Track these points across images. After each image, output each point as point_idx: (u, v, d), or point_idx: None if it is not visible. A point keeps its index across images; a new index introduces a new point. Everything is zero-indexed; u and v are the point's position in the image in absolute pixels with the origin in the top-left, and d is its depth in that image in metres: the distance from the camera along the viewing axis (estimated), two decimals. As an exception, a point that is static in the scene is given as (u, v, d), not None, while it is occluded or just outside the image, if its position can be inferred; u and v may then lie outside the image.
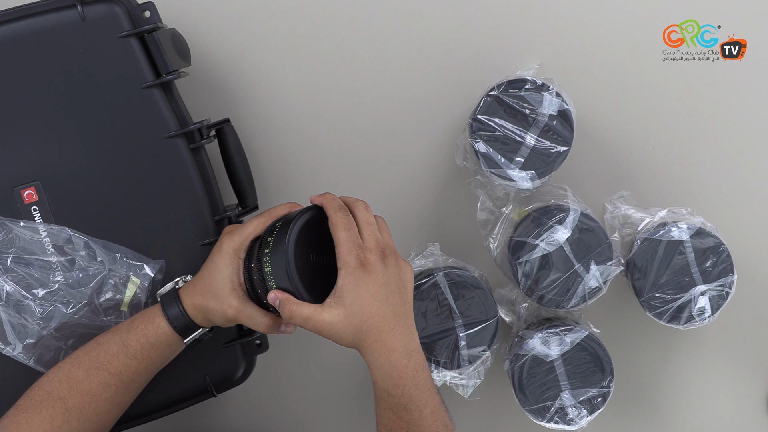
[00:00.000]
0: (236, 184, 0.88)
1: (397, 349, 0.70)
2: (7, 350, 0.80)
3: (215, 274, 0.75)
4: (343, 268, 0.70)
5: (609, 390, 0.88)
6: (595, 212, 0.89)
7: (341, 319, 0.69)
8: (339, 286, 0.70)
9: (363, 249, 0.70)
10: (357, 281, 0.69)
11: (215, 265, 0.75)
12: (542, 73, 0.91)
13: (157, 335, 0.76)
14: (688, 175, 0.96)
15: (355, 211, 0.73)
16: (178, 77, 0.82)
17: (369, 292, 0.70)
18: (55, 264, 0.80)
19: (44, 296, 0.80)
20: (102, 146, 0.80)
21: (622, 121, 0.94)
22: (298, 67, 0.94)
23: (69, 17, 0.79)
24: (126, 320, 0.78)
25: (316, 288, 0.72)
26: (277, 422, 1.02)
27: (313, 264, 0.73)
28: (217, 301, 0.74)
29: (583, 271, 0.86)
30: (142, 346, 0.75)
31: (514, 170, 0.84)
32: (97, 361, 0.74)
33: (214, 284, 0.75)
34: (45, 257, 0.80)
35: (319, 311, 0.70)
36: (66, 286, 0.80)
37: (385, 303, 0.70)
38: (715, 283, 0.88)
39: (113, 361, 0.75)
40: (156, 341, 0.76)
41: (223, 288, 0.74)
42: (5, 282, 0.79)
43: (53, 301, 0.80)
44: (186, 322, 0.76)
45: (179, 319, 0.76)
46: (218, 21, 0.92)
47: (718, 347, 0.99)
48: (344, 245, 0.70)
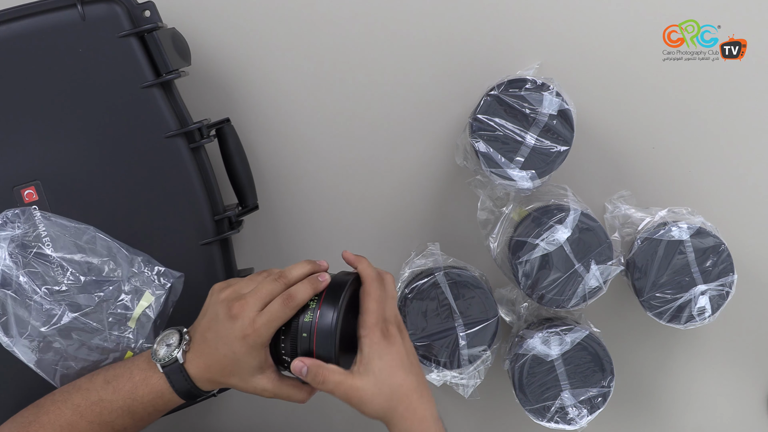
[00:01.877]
0: (236, 183, 0.88)
1: (428, 418, 0.72)
2: (7, 342, 0.79)
3: (240, 363, 0.71)
4: (367, 336, 0.71)
5: (609, 390, 0.88)
6: (595, 212, 0.89)
7: (372, 386, 0.70)
8: (366, 354, 0.71)
9: (387, 322, 0.73)
10: (382, 351, 0.71)
11: (237, 356, 0.71)
12: (542, 73, 0.91)
13: (167, 406, 0.75)
14: (688, 175, 0.96)
15: (385, 281, 0.75)
16: (178, 77, 0.82)
17: (395, 361, 0.71)
18: (73, 263, 0.79)
19: (53, 295, 0.79)
20: (102, 145, 0.80)
21: (622, 121, 0.94)
22: (298, 67, 0.94)
23: (69, 17, 0.79)
24: (125, 377, 0.74)
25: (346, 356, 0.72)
26: (277, 422, 1.02)
27: (345, 333, 0.72)
28: (247, 385, 0.72)
29: (584, 270, 0.86)
30: (150, 414, 0.75)
31: (514, 170, 0.84)
32: (100, 417, 0.73)
33: (238, 370, 0.71)
34: (65, 254, 0.79)
35: (351, 377, 0.70)
36: (77, 289, 0.79)
37: (411, 372, 0.72)
38: (715, 282, 0.88)
39: (118, 420, 0.74)
40: (164, 409, 0.75)
41: (251, 374, 0.72)
42: (21, 275, 0.79)
43: (60, 302, 0.79)
44: (196, 392, 0.74)
45: (191, 393, 0.74)
46: (218, 21, 0.92)
47: (718, 347, 0.99)
48: (372, 315, 0.72)
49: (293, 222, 0.97)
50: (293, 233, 0.97)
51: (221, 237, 0.84)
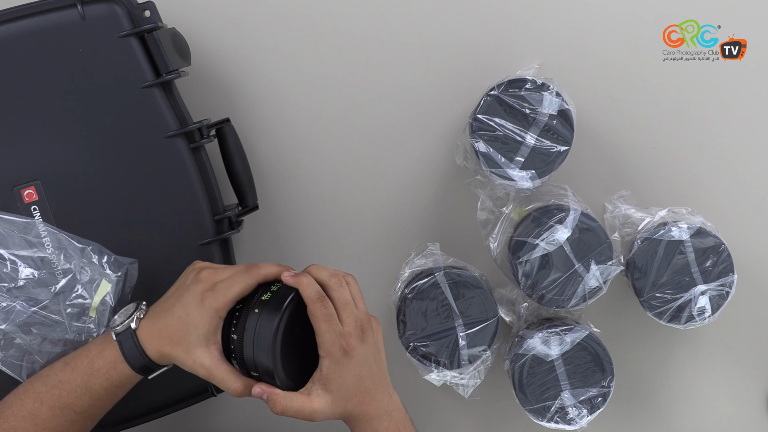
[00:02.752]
0: (236, 183, 0.88)
1: (378, 414, 0.74)
2: None
3: (189, 328, 0.72)
4: (326, 357, 0.71)
5: (609, 390, 0.88)
6: (595, 212, 0.89)
7: (329, 405, 0.72)
8: (324, 375, 0.71)
9: (344, 336, 0.71)
10: (341, 368, 0.71)
11: (190, 318, 0.72)
12: (542, 73, 0.91)
13: (121, 378, 0.74)
14: (688, 175, 0.96)
15: (330, 292, 0.73)
16: (178, 77, 0.82)
17: (352, 375, 0.72)
18: (25, 259, 0.78)
19: (9, 291, 0.78)
20: (102, 145, 0.80)
21: (622, 121, 0.94)
22: (298, 67, 0.94)
23: (69, 17, 0.79)
24: (83, 354, 0.75)
25: (293, 368, 0.73)
26: (277, 422, 1.02)
27: (292, 343, 0.72)
28: (188, 356, 0.72)
29: (584, 270, 0.86)
30: (106, 389, 0.74)
31: (514, 170, 0.84)
32: (60, 400, 0.73)
33: (186, 337, 0.72)
34: (17, 251, 0.78)
35: (309, 402, 0.71)
36: (34, 284, 0.79)
37: (367, 378, 0.73)
38: (715, 282, 0.88)
39: (77, 401, 0.74)
40: (120, 383, 0.74)
41: (196, 344, 0.72)
42: None
43: (17, 298, 0.78)
44: (148, 364, 0.74)
45: (140, 362, 0.73)
46: (218, 21, 0.92)
47: (718, 347, 0.99)
48: (326, 336, 0.71)
49: (293, 222, 0.97)
50: (293, 233, 0.97)
51: (221, 237, 0.84)
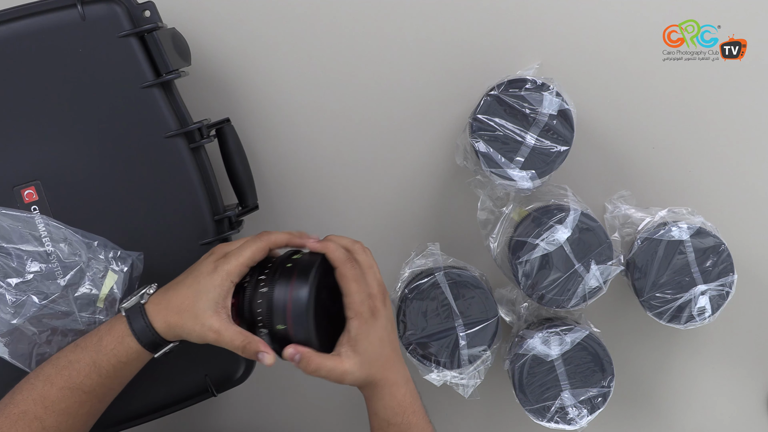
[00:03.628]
0: (236, 183, 0.88)
1: (398, 381, 0.76)
2: None
3: (200, 293, 0.73)
4: (355, 317, 0.73)
5: (609, 390, 0.88)
6: (595, 212, 0.89)
7: (358, 367, 0.73)
8: (353, 336, 0.73)
9: (372, 297, 0.74)
10: (368, 330, 0.74)
11: (201, 285, 0.73)
12: (542, 73, 0.91)
13: (128, 354, 0.74)
14: (688, 175, 0.96)
15: (356, 255, 0.76)
16: (178, 77, 0.82)
17: (377, 337, 0.74)
18: (32, 253, 0.79)
19: (17, 286, 0.78)
20: (102, 145, 0.80)
21: (622, 121, 0.94)
22: (298, 67, 0.94)
23: (69, 17, 0.79)
24: (93, 334, 0.76)
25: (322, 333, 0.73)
26: (277, 422, 1.02)
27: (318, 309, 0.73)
28: (196, 322, 0.72)
29: (584, 270, 0.86)
30: (114, 366, 0.74)
31: (514, 170, 0.84)
32: (69, 380, 0.74)
33: (195, 304, 0.72)
34: (23, 246, 0.79)
35: (341, 362, 0.73)
36: (41, 277, 0.79)
37: (388, 343, 0.76)
38: (715, 282, 0.88)
39: (86, 380, 0.74)
40: (127, 360, 0.75)
41: (205, 309, 0.72)
42: None
43: (26, 291, 0.78)
44: (155, 339, 0.74)
45: (147, 336, 0.74)
46: (218, 21, 0.92)
47: (718, 347, 0.99)
48: (356, 296, 0.73)
49: (293, 222, 0.97)
50: (293, 233, 0.97)
51: (221, 237, 0.84)
